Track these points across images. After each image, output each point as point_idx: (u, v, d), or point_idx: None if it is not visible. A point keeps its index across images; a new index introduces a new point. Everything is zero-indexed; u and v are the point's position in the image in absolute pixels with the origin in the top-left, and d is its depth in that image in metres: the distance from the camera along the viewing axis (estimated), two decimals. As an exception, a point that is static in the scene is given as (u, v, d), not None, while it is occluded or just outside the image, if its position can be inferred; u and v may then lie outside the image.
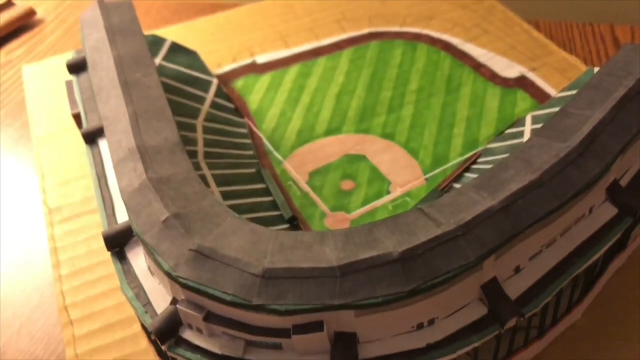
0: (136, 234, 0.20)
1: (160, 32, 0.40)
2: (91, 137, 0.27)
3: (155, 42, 0.35)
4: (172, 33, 0.40)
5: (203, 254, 0.19)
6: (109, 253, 0.22)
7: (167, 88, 0.33)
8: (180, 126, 0.31)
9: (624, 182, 0.23)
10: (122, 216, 0.23)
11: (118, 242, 0.22)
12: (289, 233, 0.19)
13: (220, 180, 0.29)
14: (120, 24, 0.30)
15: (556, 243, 0.21)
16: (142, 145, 0.23)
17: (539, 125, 0.30)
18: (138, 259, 0.22)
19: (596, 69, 0.30)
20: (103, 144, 0.26)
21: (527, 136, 0.30)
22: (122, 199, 0.21)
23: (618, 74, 0.24)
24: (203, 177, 0.29)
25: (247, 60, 0.38)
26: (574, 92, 0.30)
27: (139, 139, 0.23)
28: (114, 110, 0.25)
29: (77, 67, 0.31)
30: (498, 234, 0.19)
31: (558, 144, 0.21)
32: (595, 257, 0.21)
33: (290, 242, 0.19)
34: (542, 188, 0.20)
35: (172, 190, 0.21)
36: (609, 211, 0.22)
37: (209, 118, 0.33)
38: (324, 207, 0.29)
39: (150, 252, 0.19)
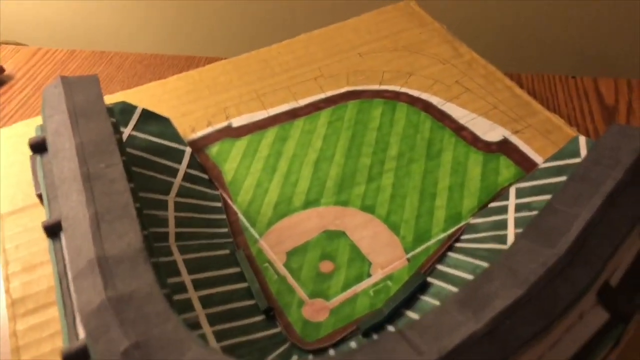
0: (95, 363, 0.19)
1: (133, 92, 0.39)
2: (53, 231, 0.25)
3: (125, 111, 0.34)
4: (145, 92, 0.39)
5: (166, 392, 0.17)
6: None
7: (138, 161, 0.31)
8: (151, 204, 0.29)
9: (614, 280, 0.22)
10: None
11: (79, 360, 0.21)
12: (259, 365, 0.18)
13: (192, 266, 0.28)
14: (83, 104, 0.28)
15: (546, 358, 0.20)
16: (102, 255, 0.21)
17: (523, 200, 0.29)
18: (100, 379, 0.21)
19: (582, 139, 0.29)
20: (65, 239, 0.25)
21: (511, 211, 0.28)
22: (81, 319, 0.20)
23: (605, 163, 0.23)
24: (173, 264, 0.27)
25: (222, 124, 0.36)
26: (558, 162, 0.29)
27: (99, 248, 0.21)
28: (74, 209, 0.23)
29: (40, 147, 0.29)
30: (484, 362, 0.17)
31: (545, 250, 0.20)
32: (587, 369, 0.20)
33: (261, 377, 0.17)
34: (529, 304, 0.18)
35: (133, 311, 0.19)
36: (600, 317, 0.21)
37: (182, 193, 0.31)
38: (302, 293, 0.27)
39: (110, 386, 0.18)
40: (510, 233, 0.27)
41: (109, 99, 0.38)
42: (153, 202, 0.30)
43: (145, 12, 0.57)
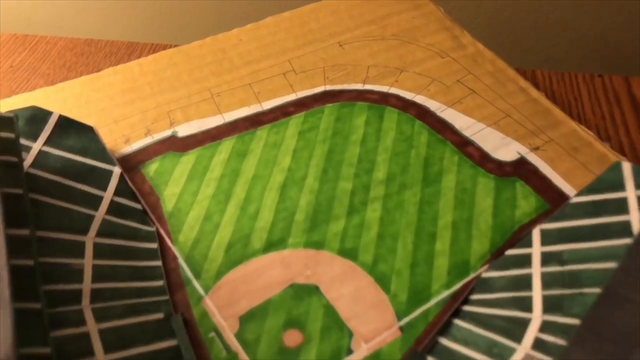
0: None
1: (55, 89, 0.31)
2: None
3: (36, 119, 0.26)
4: (70, 91, 0.31)
5: None
6: None
7: (48, 189, 0.24)
8: (61, 249, 0.22)
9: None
10: None
11: None
12: None
13: (111, 340, 0.20)
14: (-41, 120, 0.21)
15: None
16: (-60, 376, 0.14)
17: (551, 248, 0.22)
18: None
19: (626, 166, 0.23)
20: None
21: (536, 263, 0.22)
22: None
23: (687, 223, 0.16)
24: (85, 338, 0.20)
25: (165, 133, 0.29)
26: (596, 196, 0.22)
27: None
28: None
29: None
30: None
31: (616, 374, 0.13)
32: None
33: None
34: None
35: None
36: None
37: (104, 231, 0.24)
38: (258, 379, 0.20)
39: None
40: (537, 296, 0.21)
41: (25, 99, 0.30)
42: (64, 246, 0.22)
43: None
